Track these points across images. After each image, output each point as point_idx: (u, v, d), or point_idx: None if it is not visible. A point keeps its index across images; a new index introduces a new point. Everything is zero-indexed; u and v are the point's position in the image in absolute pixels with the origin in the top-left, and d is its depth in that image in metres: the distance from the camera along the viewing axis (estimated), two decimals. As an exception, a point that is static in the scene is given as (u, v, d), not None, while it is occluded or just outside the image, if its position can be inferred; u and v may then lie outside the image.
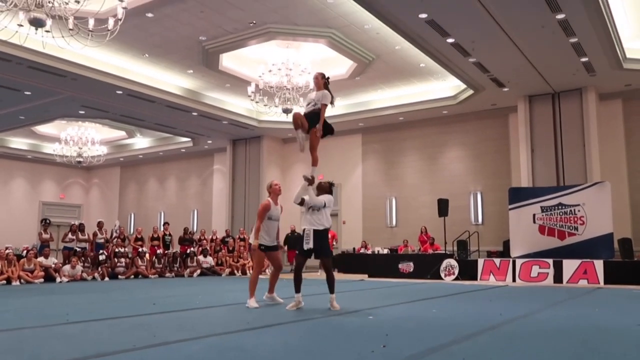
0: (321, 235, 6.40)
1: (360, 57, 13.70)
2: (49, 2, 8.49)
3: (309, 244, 6.35)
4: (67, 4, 8.69)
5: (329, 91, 6.50)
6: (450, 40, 11.72)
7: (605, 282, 11.36)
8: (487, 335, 4.67)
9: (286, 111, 14.16)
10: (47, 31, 8.85)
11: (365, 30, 12.27)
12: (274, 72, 13.59)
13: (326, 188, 6.67)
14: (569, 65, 13.05)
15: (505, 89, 14.94)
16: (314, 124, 6.36)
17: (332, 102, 6.45)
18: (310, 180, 6.45)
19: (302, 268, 6.60)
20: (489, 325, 5.25)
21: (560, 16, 10.48)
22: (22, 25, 8.88)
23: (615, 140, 15.27)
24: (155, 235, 16.22)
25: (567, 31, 11.16)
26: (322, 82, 6.54)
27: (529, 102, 15.52)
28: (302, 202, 6.53)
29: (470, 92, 15.32)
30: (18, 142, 23.44)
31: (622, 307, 7.13)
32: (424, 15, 10.56)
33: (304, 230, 6.46)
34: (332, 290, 6.43)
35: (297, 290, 6.46)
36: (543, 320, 5.66)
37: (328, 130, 6.52)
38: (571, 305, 7.42)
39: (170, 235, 16.51)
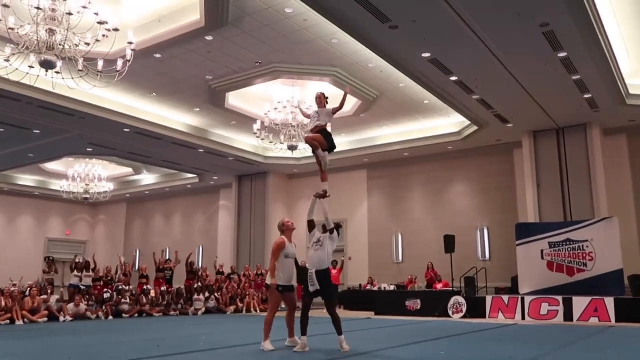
0: (323, 276, 6.46)
1: (364, 95, 13.86)
2: (59, 44, 8.69)
3: (314, 286, 6.41)
4: (77, 46, 8.89)
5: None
6: (453, 78, 11.86)
7: (617, 320, 11.14)
8: (496, 381, 4.56)
9: (291, 148, 14.25)
10: (57, 72, 9.02)
11: (370, 69, 12.44)
12: (280, 109, 13.74)
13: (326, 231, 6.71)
14: (573, 101, 13.12)
15: (510, 125, 15.01)
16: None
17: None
18: (322, 195, 6.69)
19: (309, 309, 6.58)
20: (498, 369, 5.14)
21: (562, 54, 10.61)
22: (33, 67, 9.09)
23: (621, 175, 15.21)
24: (161, 267, 16.14)
25: (570, 69, 11.27)
26: (324, 101, 6.97)
27: (534, 138, 15.55)
28: (311, 226, 6.71)
29: (475, 128, 15.39)
30: (25, 179, 23.62)
31: (635, 348, 6.97)
32: (427, 55, 10.72)
33: (307, 272, 6.57)
34: (339, 332, 6.36)
35: (304, 332, 6.44)
36: (554, 364, 5.54)
37: (332, 147, 6.88)
38: (582, 347, 7.26)
39: (171, 270, 16.33)
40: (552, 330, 9.61)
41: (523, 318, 12.15)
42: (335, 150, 7.05)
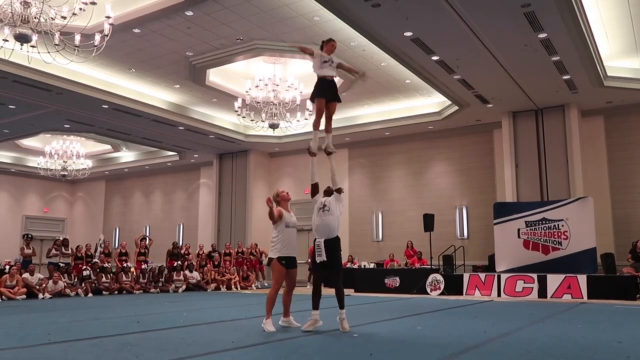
0: (332, 246, 6.07)
1: (346, 74, 13.78)
2: (35, 17, 8.48)
3: (321, 256, 5.99)
4: (53, 19, 8.69)
5: None
6: (435, 57, 11.88)
7: (589, 297, 11.47)
8: (470, 355, 4.69)
9: (272, 126, 14.20)
10: (32, 46, 8.83)
11: (352, 47, 12.39)
12: (261, 87, 13.65)
13: (331, 193, 6.34)
14: (552, 82, 13.27)
15: (490, 105, 15.13)
16: (334, 96, 6.72)
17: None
18: (329, 152, 6.58)
19: (321, 283, 6.18)
20: (473, 343, 5.28)
21: (542, 35, 10.69)
22: (7, 40, 8.87)
23: (597, 156, 15.50)
24: (142, 251, 16.06)
25: (549, 50, 11.37)
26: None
27: (513, 118, 15.72)
28: (315, 190, 6.38)
29: (455, 108, 15.49)
30: (1, 156, 23.17)
31: (604, 324, 7.20)
32: (409, 34, 10.71)
33: (314, 241, 6.19)
34: (341, 306, 6.05)
35: (315, 306, 6.08)
36: (526, 339, 5.70)
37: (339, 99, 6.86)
38: (554, 321, 7.47)
39: (146, 249, 16.29)
40: (526, 307, 9.86)
41: (499, 295, 12.43)
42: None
